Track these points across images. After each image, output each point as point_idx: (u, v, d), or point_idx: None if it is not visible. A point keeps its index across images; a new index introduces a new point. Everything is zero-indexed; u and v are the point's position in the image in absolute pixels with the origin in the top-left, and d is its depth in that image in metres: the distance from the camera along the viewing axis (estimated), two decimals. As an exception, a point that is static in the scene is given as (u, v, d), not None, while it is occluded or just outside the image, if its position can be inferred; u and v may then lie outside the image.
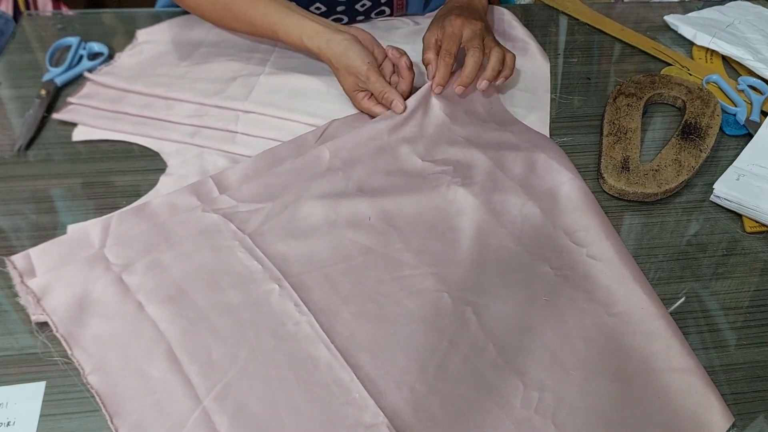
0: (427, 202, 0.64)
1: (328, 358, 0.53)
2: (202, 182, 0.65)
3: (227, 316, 0.55)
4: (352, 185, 0.66)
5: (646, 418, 0.51)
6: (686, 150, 0.70)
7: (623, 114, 0.74)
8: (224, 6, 0.75)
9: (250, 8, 0.73)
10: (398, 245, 0.61)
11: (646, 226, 0.65)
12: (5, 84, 0.79)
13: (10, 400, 0.51)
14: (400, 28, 0.87)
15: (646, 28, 0.91)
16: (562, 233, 0.62)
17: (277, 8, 0.73)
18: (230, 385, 0.51)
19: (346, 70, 0.71)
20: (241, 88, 0.76)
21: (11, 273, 0.58)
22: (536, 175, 0.66)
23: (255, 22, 0.74)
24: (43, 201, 0.66)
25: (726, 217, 0.66)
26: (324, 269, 0.59)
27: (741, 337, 0.57)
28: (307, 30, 0.71)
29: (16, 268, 0.58)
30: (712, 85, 0.81)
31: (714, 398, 0.51)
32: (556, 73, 0.83)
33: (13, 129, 0.74)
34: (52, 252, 0.59)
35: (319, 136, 0.70)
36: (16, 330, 0.55)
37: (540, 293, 0.58)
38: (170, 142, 0.71)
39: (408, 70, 0.72)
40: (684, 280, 0.61)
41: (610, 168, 0.68)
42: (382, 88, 0.70)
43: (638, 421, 0.51)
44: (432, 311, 0.56)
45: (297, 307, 0.56)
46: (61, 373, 0.52)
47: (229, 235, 0.61)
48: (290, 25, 0.72)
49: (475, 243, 0.61)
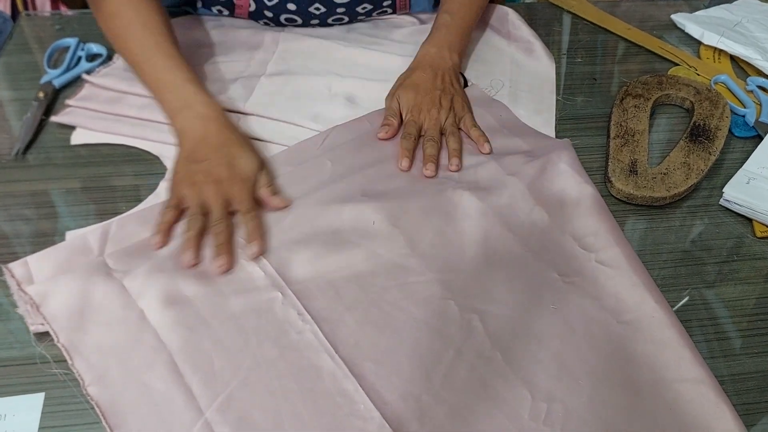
0: (432, 206, 0.63)
1: (332, 367, 0.52)
2: None
3: (229, 324, 0.55)
4: (356, 190, 0.64)
5: (657, 429, 0.50)
6: (695, 153, 0.69)
7: (630, 116, 0.73)
8: (123, 45, 0.70)
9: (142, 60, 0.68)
10: (404, 250, 0.60)
11: (655, 230, 0.64)
12: (3, 86, 0.78)
13: (8, 412, 0.50)
14: (403, 27, 0.86)
15: (652, 26, 0.90)
16: (570, 238, 0.61)
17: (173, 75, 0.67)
18: (233, 395, 0.51)
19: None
20: (242, 89, 0.75)
21: (8, 281, 0.57)
22: (545, 178, 0.65)
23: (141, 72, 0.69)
24: (42, 205, 0.65)
25: (736, 222, 0.65)
26: (328, 275, 0.58)
27: (751, 345, 0.56)
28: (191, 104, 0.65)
29: (13, 276, 0.57)
30: (721, 85, 0.80)
31: (726, 409, 0.50)
32: (561, 73, 0.82)
33: (11, 132, 0.73)
34: (50, 259, 0.58)
35: (321, 143, 0.69)
36: (15, 340, 0.54)
37: (548, 300, 0.57)
38: (170, 146, 0.70)
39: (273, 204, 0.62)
40: (693, 286, 0.60)
41: (617, 171, 0.67)
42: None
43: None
44: (438, 319, 0.55)
45: (300, 316, 0.55)
46: (60, 384, 0.51)
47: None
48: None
49: (482, 248, 0.60)
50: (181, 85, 0.66)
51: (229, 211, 0.60)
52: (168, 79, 0.67)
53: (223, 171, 0.61)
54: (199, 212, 0.59)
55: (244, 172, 0.62)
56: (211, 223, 0.59)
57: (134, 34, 0.68)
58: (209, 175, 0.60)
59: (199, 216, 0.59)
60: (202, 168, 0.61)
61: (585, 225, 0.62)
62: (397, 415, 0.50)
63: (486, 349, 0.54)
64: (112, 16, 0.69)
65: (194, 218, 0.59)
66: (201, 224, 0.59)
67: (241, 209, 0.60)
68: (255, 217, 0.60)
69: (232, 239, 0.59)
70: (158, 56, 0.67)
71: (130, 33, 0.68)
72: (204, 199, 0.60)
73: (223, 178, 0.61)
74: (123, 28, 0.69)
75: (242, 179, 0.61)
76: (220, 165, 0.61)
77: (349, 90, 0.76)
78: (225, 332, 0.54)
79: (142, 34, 0.68)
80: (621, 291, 0.57)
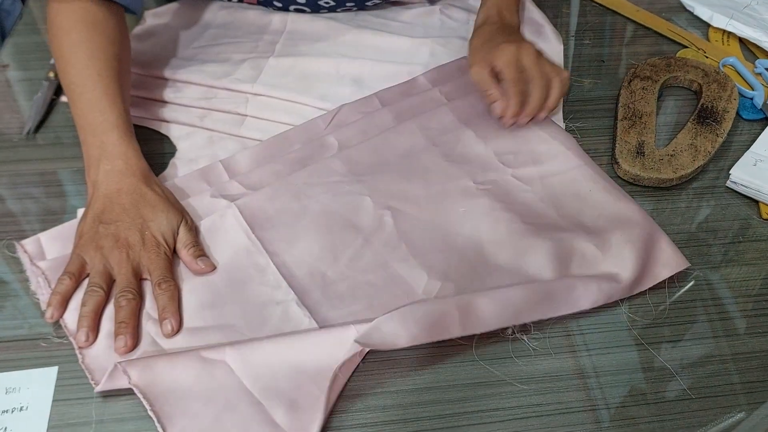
0: (371, 126, 0.69)
1: (248, 244, 0.58)
2: (212, 167, 0.65)
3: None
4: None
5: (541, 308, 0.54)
6: (702, 135, 0.69)
7: (638, 98, 0.73)
8: (63, 68, 0.63)
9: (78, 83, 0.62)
10: (336, 160, 0.65)
11: (661, 211, 0.65)
12: (13, 66, 0.78)
13: (22, 385, 0.51)
14: (412, 8, 0.86)
15: (660, 8, 0.90)
16: (492, 153, 0.66)
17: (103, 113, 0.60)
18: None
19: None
20: (250, 70, 0.75)
21: (21, 257, 0.58)
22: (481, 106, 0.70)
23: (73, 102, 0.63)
24: (53, 184, 0.66)
25: (742, 203, 0.66)
26: (264, 178, 0.64)
27: (756, 324, 0.56)
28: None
29: (26, 252, 0.58)
30: (729, 67, 0.80)
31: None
32: (569, 55, 0.82)
33: (21, 112, 0.73)
34: (62, 236, 0.59)
35: (329, 121, 0.69)
36: (28, 315, 0.55)
37: (459, 204, 0.62)
38: (179, 126, 0.71)
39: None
40: (699, 267, 0.60)
41: (624, 153, 0.67)
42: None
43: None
44: (352, 212, 0.61)
45: (228, 204, 0.61)
46: (74, 358, 0.52)
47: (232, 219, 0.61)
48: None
49: (406, 158, 0.66)
50: (106, 130, 0.60)
51: (141, 279, 0.56)
52: (95, 120, 0.60)
53: (134, 236, 0.55)
54: (101, 282, 0.54)
55: (156, 237, 0.56)
56: (114, 294, 0.54)
57: (78, 59, 0.62)
58: (117, 240, 0.55)
59: (99, 289, 0.53)
60: (111, 231, 0.55)
61: (508, 143, 0.67)
62: (302, 286, 0.56)
63: (393, 240, 0.59)
64: (62, 32, 0.63)
65: (92, 292, 0.53)
66: (99, 299, 0.53)
67: (152, 279, 0.54)
68: (168, 288, 0.54)
69: (138, 313, 0.53)
70: (94, 91, 0.61)
71: (73, 56, 0.62)
72: (109, 267, 0.55)
73: (133, 244, 0.55)
74: (68, 48, 0.62)
75: (155, 245, 0.55)
76: (130, 229, 0.55)
77: (357, 71, 0.76)
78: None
79: (85, 61, 0.62)
80: (530, 202, 0.62)
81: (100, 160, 0.59)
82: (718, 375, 0.53)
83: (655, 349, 0.54)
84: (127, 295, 0.53)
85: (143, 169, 0.60)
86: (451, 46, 0.80)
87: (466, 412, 0.50)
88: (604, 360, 0.53)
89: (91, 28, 0.63)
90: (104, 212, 0.57)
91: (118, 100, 0.62)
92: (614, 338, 0.55)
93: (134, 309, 0.53)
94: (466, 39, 0.82)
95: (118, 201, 0.57)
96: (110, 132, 0.60)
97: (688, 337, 0.55)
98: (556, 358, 0.53)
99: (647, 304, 0.57)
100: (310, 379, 0.49)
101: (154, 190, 0.59)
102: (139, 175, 0.59)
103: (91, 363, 0.51)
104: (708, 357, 0.54)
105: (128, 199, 0.57)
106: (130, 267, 0.54)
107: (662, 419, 0.50)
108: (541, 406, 0.51)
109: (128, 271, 0.54)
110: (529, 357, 0.53)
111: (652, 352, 0.54)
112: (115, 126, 0.60)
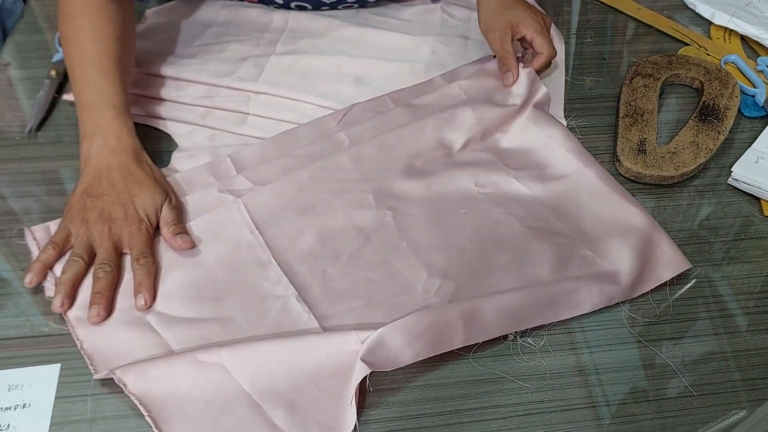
0: (382, 123, 0.69)
1: (251, 240, 0.59)
2: (220, 161, 0.65)
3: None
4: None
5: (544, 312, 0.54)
6: (704, 132, 0.69)
7: (640, 95, 0.73)
8: (67, 50, 0.65)
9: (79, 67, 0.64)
10: (344, 156, 0.65)
11: (663, 209, 0.65)
12: (14, 65, 0.78)
13: (25, 382, 0.51)
14: (412, 6, 0.86)
15: (662, 6, 0.90)
16: (494, 155, 0.67)
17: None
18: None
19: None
20: (251, 69, 0.75)
21: (30, 245, 0.58)
22: (491, 106, 0.70)
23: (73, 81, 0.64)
24: (54, 183, 0.66)
25: (744, 201, 0.66)
26: (269, 174, 0.64)
27: (757, 322, 0.56)
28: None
29: (35, 238, 0.58)
30: (731, 65, 0.80)
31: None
32: (570, 53, 0.82)
33: (23, 110, 0.73)
34: None
35: (340, 119, 0.69)
36: (31, 312, 0.55)
37: (460, 206, 0.62)
38: (181, 124, 0.71)
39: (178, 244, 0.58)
40: (700, 265, 0.60)
41: (626, 150, 0.67)
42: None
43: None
44: (354, 210, 0.61)
45: (234, 199, 0.61)
46: (76, 355, 0.52)
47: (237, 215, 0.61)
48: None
49: (411, 159, 0.66)
50: (102, 108, 0.61)
51: (122, 253, 0.57)
52: (92, 98, 0.62)
53: (118, 211, 0.57)
54: (83, 253, 0.55)
55: (139, 213, 0.57)
56: (94, 266, 0.55)
57: (80, 41, 0.64)
58: (102, 214, 0.56)
59: (80, 259, 0.55)
60: (97, 205, 0.57)
61: (510, 144, 0.68)
62: (302, 282, 0.56)
63: (394, 239, 0.60)
64: (68, 18, 0.65)
65: (72, 261, 0.55)
66: (79, 268, 0.54)
67: (132, 254, 0.56)
68: (146, 263, 0.55)
69: (116, 285, 0.55)
70: (94, 71, 0.63)
71: (77, 39, 0.64)
72: (92, 240, 0.56)
73: (116, 218, 0.56)
74: (73, 32, 0.64)
75: (137, 221, 0.57)
76: (115, 204, 0.57)
77: (358, 69, 0.76)
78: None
79: (87, 43, 0.64)
80: (530, 206, 0.63)
81: (94, 135, 0.61)
82: (719, 372, 0.53)
83: (656, 347, 0.54)
84: (105, 268, 0.54)
85: (135, 147, 0.61)
86: (452, 44, 0.80)
87: (467, 409, 0.50)
88: (605, 357, 0.53)
89: (96, 13, 0.65)
90: (92, 186, 0.58)
91: (116, 81, 0.63)
92: (615, 335, 0.55)
93: (111, 281, 0.54)
94: (467, 37, 0.82)
95: (107, 176, 0.59)
96: (106, 110, 0.61)
97: (690, 334, 0.55)
98: (558, 356, 0.53)
99: (648, 301, 0.57)
100: (309, 380, 0.49)
101: (143, 168, 0.60)
102: (130, 152, 0.60)
103: (89, 348, 0.52)
104: (709, 354, 0.54)
105: (117, 175, 0.59)
106: (112, 241, 0.56)
107: (664, 416, 0.50)
108: (542, 403, 0.51)
109: (109, 245, 0.56)
110: (530, 354, 0.53)
111: (654, 350, 0.54)
112: (112, 105, 0.62)
